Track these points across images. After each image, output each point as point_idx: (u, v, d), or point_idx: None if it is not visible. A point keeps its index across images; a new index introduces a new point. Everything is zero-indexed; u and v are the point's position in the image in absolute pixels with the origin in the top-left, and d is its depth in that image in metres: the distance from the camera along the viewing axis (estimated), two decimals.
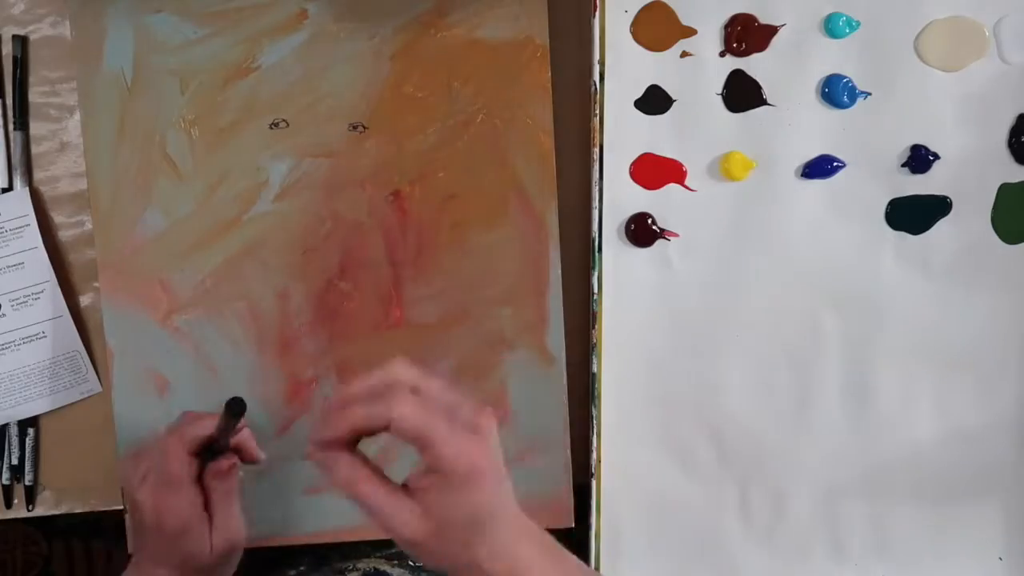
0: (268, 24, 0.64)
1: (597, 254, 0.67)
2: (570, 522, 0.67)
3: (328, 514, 0.66)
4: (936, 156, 0.65)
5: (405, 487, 0.49)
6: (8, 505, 0.69)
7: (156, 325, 0.65)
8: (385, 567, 0.67)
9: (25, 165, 0.66)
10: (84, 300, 0.67)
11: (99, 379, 0.67)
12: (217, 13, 0.63)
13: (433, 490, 0.47)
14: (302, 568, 0.68)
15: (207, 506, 0.57)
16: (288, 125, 0.64)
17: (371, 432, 0.48)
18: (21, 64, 0.66)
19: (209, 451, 0.58)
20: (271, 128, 0.64)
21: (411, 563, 0.68)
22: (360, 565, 0.67)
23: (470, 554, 0.48)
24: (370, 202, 0.65)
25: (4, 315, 0.66)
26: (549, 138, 0.65)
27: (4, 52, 0.67)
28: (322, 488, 0.66)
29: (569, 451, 0.67)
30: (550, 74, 0.65)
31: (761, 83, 0.65)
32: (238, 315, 0.65)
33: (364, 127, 0.65)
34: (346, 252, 0.65)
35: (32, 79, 0.67)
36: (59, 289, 0.66)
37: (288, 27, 0.64)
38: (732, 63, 0.65)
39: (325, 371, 0.66)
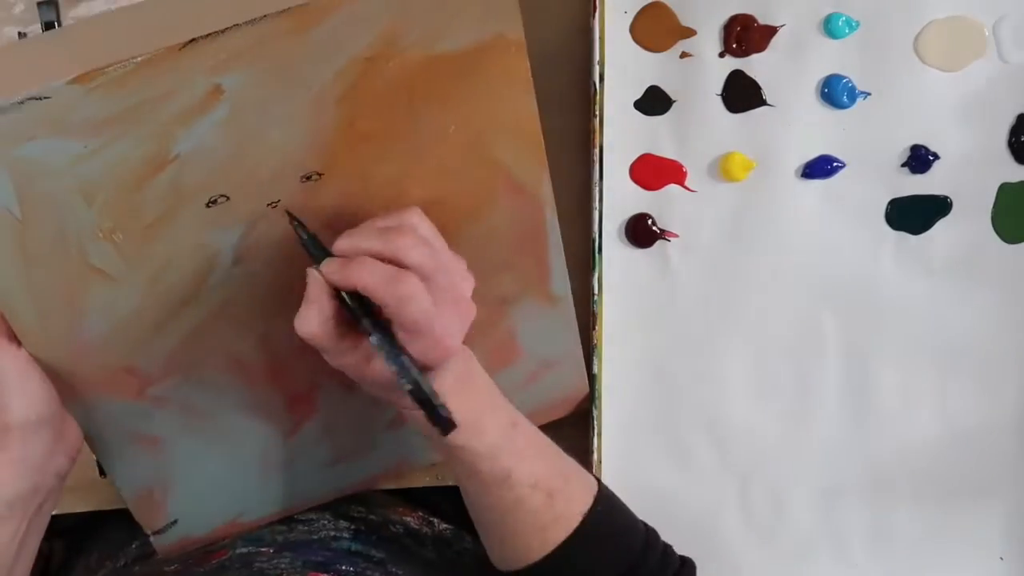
0: (176, 111, 0.48)
1: (597, 255, 0.66)
2: (587, 403, 0.69)
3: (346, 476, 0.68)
4: (936, 156, 0.64)
5: None
6: None
7: (130, 402, 0.59)
8: None
9: None
10: None
11: None
12: (106, 120, 0.47)
13: None
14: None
15: None
16: (228, 199, 0.52)
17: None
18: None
19: None
20: (209, 207, 0.52)
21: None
22: None
23: None
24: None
25: None
26: (534, 119, 0.57)
27: None
28: (342, 458, 0.67)
29: (583, 357, 0.68)
30: (528, 63, 0.55)
31: (761, 83, 0.65)
32: (219, 367, 0.59)
33: (319, 174, 0.53)
34: None
35: None
36: None
37: (202, 108, 0.48)
38: (732, 63, 0.64)
39: (326, 378, 0.62)
